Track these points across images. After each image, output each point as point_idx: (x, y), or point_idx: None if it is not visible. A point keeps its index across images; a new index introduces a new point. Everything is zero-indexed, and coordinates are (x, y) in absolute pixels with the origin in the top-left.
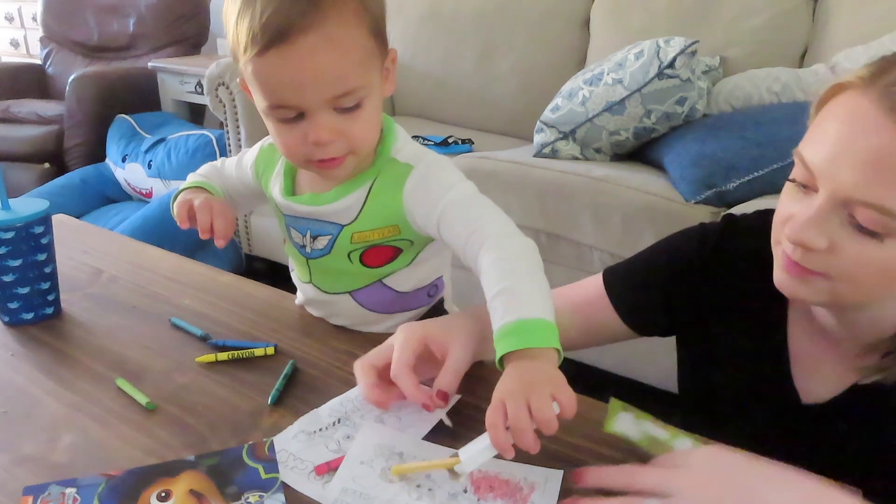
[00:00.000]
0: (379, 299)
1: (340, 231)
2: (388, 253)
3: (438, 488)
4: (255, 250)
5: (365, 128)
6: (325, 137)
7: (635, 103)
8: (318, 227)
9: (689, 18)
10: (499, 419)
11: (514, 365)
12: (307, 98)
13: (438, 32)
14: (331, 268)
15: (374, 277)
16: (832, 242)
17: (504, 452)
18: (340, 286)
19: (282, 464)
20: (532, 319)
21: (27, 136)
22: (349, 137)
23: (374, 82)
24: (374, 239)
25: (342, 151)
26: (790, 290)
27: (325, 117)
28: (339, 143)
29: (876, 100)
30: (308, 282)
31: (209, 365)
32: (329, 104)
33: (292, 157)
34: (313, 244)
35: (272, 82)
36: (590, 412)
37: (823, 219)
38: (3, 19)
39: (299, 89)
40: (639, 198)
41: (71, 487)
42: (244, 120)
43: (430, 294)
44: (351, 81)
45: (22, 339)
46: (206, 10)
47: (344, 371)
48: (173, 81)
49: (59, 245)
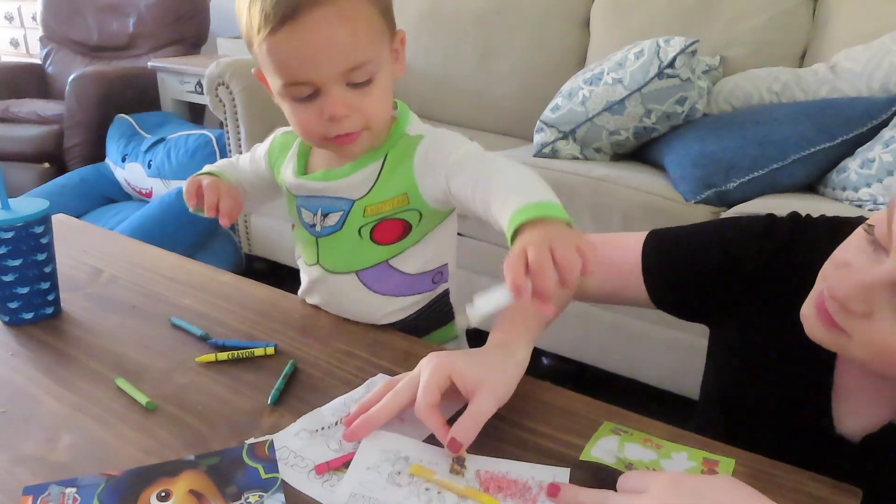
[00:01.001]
0: (384, 281)
1: (352, 206)
2: (398, 229)
3: (447, 490)
4: (255, 250)
5: (378, 103)
6: (340, 111)
7: (635, 103)
8: (329, 204)
9: (689, 18)
10: (519, 263)
11: (531, 229)
12: (321, 72)
13: (438, 32)
14: (340, 245)
15: (382, 257)
16: (872, 312)
17: (519, 293)
18: (348, 265)
19: (282, 461)
20: (543, 201)
21: (27, 136)
22: (363, 112)
23: (384, 58)
24: (385, 211)
25: (357, 126)
26: (809, 328)
27: (339, 92)
28: (353, 118)
29: None
30: (315, 263)
31: (209, 365)
32: (342, 78)
33: (308, 135)
34: (324, 221)
35: (286, 59)
36: (590, 412)
37: (877, 290)
38: (3, 19)
39: (313, 63)
40: (639, 198)
41: (71, 487)
42: (244, 120)
43: (435, 280)
44: (362, 54)
45: (22, 339)
46: (206, 10)
47: (344, 371)
48: (173, 81)
49: (59, 245)
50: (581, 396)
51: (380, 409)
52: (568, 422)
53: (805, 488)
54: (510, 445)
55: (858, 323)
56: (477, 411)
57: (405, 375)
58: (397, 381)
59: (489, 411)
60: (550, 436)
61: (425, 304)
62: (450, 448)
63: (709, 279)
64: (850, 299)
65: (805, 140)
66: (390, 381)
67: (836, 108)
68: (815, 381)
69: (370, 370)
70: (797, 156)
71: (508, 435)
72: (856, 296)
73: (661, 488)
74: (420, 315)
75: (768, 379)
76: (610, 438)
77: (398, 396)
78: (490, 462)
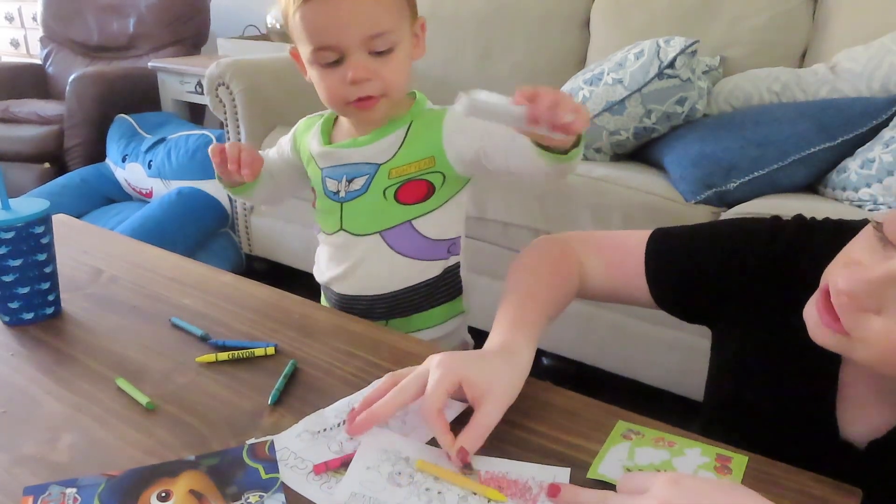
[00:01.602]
0: (407, 241)
1: (377, 170)
2: (423, 189)
3: (448, 490)
4: (255, 250)
5: (396, 71)
6: (362, 74)
7: (635, 103)
8: (354, 171)
9: (689, 18)
10: (528, 88)
11: None
12: (346, 37)
13: (438, 33)
14: (364, 207)
15: (405, 217)
16: (881, 309)
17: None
18: (372, 226)
19: (282, 462)
20: None
21: (27, 136)
22: (382, 78)
23: (405, 33)
24: (410, 172)
25: (376, 91)
26: (811, 328)
27: (362, 58)
28: (374, 83)
29: None
30: (337, 230)
31: (209, 365)
32: (365, 46)
33: (333, 100)
34: (349, 187)
35: (316, 25)
36: (591, 412)
37: (886, 285)
38: (3, 19)
39: (340, 29)
40: (639, 198)
41: (71, 487)
42: (244, 120)
43: (450, 250)
44: (384, 24)
45: (22, 339)
46: (206, 10)
47: (344, 371)
48: (173, 81)
49: (59, 245)
50: (581, 396)
51: (385, 404)
52: (568, 422)
53: (806, 488)
54: (510, 445)
55: (866, 321)
56: (484, 421)
57: (412, 369)
58: (402, 374)
59: (496, 420)
60: (551, 436)
61: (440, 272)
62: (459, 457)
63: (712, 281)
64: (860, 294)
65: (805, 140)
66: (395, 375)
67: (836, 109)
68: (819, 386)
69: (370, 370)
70: (797, 156)
71: (509, 435)
72: (866, 290)
73: (662, 488)
74: (434, 284)
75: (771, 383)
76: (621, 447)
77: (403, 392)
78: (491, 462)
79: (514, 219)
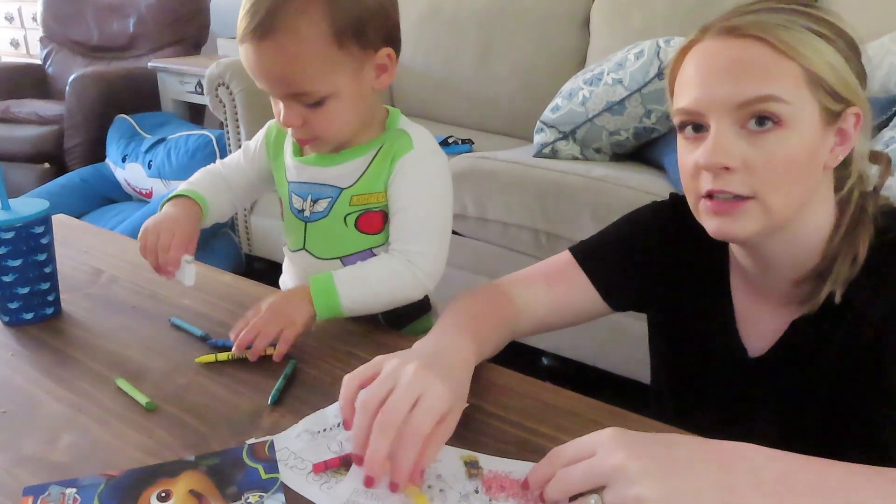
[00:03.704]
0: None
1: (340, 194)
2: (380, 221)
3: (450, 489)
4: (255, 250)
5: (328, 122)
6: (291, 123)
7: (635, 103)
8: (318, 191)
9: (689, 18)
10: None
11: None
12: (271, 90)
13: (438, 32)
14: (326, 231)
15: (366, 245)
16: (742, 158)
17: None
18: (333, 251)
19: (282, 462)
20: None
21: (27, 136)
22: (313, 127)
23: (338, 84)
24: (370, 203)
25: (308, 136)
26: (725, 230)
27: (291, 104)
28: (304, 129)
29: (715, 35)
30: (300, 248)
31: (209, 365)
32: (291, 98)
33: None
34: (313, 207)
35: (250, 67)
36: (591, 412)
37: (725, 139)
38: (3, 19)
39: (266, 81)
40: (639, 198)
41: (71, 487)
42: (244, 120)
43: None
44: (303, 86)
45: (22, 339)
46: (206, 11)
47: (344, 371)
48: (173, 81)
49: (59, 245)
50: (581, 396)
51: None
52: (568, 422)
53: None
54: (511, 446)
55: (745, 176)
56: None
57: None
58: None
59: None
60: (551, 436)
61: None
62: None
63: (636, 255)
64: (722, 158)
65: None
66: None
67: None
68: (720, 319)
69: None
70: None
71: (509, 436)
72: (722, 152)
73: (612, 442)
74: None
75: (689, 334)
76: None
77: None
78: (496, 461)
79: (514, 219)
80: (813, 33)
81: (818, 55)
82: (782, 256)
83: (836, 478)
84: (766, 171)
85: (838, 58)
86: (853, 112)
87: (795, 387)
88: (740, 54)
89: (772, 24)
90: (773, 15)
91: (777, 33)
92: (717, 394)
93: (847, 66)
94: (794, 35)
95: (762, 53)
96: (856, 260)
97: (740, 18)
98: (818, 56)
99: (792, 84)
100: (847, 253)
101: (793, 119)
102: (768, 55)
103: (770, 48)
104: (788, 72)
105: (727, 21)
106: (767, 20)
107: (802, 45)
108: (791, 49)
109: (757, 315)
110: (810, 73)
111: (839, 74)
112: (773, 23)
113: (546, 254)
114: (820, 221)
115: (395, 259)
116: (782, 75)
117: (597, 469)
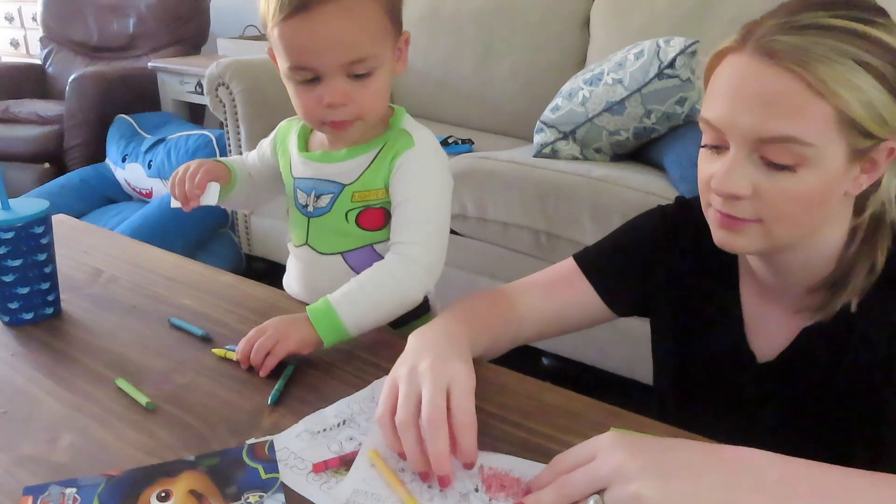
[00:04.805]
0: (368, 265)
1: (342, 190)
2: (381, 217)
3: (450, 488)
4: (255, 250)
5: (374, 96)
6: (338, 100)
7: (635, 103)
8: (322, 187)
9: (689, 18)
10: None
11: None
12: (323, 61)
13: (438, 32)
14: (329, 227)
15: (367, 241)
16: (754, 187)
17: None
18: (335, 246)
19: (282, 462)
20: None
21: (27, 136)
22: (358, 103)
23: (385, 56)
24: (371, 199)
25: (351, 115)
26: (729, 243)
27: (339, 82)
28: (349, 107)
29: (751, 52)
30: (303, 244)
31: (209, 365)
32: (343, 70)
33: (308, 117)
34: (316, 202)
35: (294, 45)
36: (591, 412)
37: (741, 166)
38: (3, 19)
39: (317, 53)
40: (639, 198)
41: (71, 487)
42: (244, 120)
43: None
44: (363, 50)
45: (22, 339)
46: (206, 11)
47: (344, 371)
48: (173, 81)
49: (59, 245)
50: (581, 397)
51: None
52: (569, 422)
53: None
54: (511, 446)
55: (754, 204)
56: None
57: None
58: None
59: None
60: (551, 436)
61: None
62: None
63: (640, 259)
64: (732, 186)
65: None
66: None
67: None
68: (727, 324)
69: (370, 370)
70: None
71: (509, 436)
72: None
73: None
74: None
75: (695, 339)
76: None
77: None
78: (495, 458)
79: (514, 219)
80: (859, 65)
81: (856, 94)
82: (795, 265)
83: (839, 483)
84: (775, 203)
85: (881, 92)
86: (887, 147)
87: (803, 393)
88: (772, 86)
89: (814, 57)
90: (821, 38)
91: (816, 68)
92: (722, 397)
93: (891, 98)
94: (835, 71)
95: (795, 90)
96: (873, 269)
97: (784, 39)
98: (856, 95)
99: (820, 125)
100: (864, 262)
101: (814, 160)
102: (801, 93)
103: (804, 85)
104: (818, 113)
105: (770, 38)
106: (811, 48)
107: (841, 84)
108: (827, 89)
109: (767, 320)
110: (842, 115)
111: (876, 112)
112: (816, 53)
113: (546, 254)
114: (836, 234)
115: (389, 260)
116: (811, 116)
117: (597, 472)
